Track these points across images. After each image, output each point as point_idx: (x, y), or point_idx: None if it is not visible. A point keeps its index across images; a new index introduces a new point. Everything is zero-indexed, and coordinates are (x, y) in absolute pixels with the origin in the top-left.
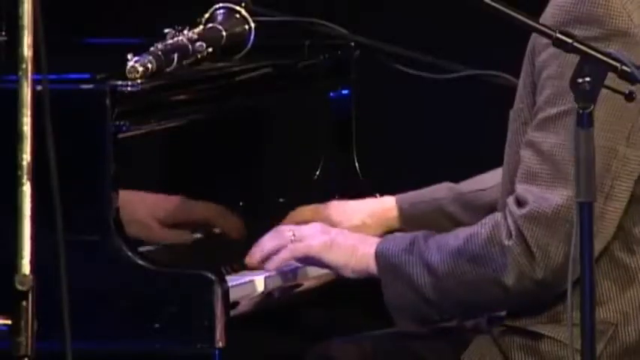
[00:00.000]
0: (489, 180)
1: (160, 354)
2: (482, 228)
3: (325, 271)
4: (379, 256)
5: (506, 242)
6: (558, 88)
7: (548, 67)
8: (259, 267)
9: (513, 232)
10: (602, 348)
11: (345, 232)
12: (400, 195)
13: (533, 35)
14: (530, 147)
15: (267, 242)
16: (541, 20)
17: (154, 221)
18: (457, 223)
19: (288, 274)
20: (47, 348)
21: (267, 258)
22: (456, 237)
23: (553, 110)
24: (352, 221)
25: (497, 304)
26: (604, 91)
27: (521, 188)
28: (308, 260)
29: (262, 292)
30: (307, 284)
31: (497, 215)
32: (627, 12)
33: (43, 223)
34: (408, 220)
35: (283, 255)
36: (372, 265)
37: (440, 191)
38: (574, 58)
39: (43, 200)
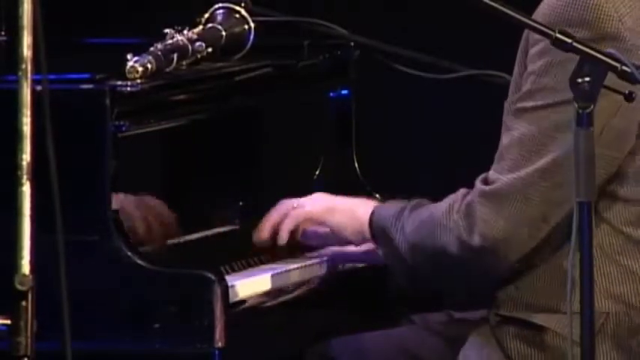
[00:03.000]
0: None
1: (160, 354)
2: (442, 203)
3: (320, 272)
4: (373, 219)
5: (455, 216)
6: (539, 85)
7: (533, 62)
8: (267, 247)
9: (463, 207)
10: None
11: (344, 198)
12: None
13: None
14: (505, 131)
15: (271, 214)
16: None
17: (153, 221)
18: None
19: (281, 275)
20: (47, 348)
21: (274, 231)
22: (427, 208)
23: (530, 103)
24: None
25: (451, 275)
26: None
27: (492, 169)
28: (312, 229)
29: (255, 294)
30: (301, 286)
31: (458, 192)
32: (619, 15)
33: (43, 223)
34: None
35: (287, 224)
36: (366, 228)
37: None
38: (561, 58)
39: (42, 200)
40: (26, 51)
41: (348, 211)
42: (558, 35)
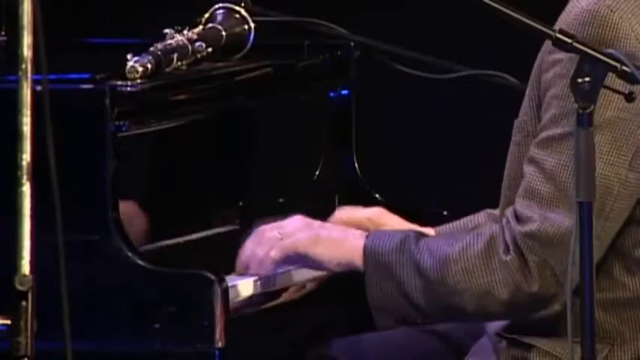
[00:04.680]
0: None
1: (160, 354)
2: (478, 238)
3: (310, 275)
4: (368, 252)
5: (503, 257)
6: (564, 109)
7: (554, 86)
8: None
9: (511, 247)
10: None
11: (327, 225)
12: (440, 227)
13: (542, 50)
14: (532, 164)
15: (256, 248)
16: None
17: (153, 221)
18: None
19: (281, 275)
20: (47, 348)
21: (259, 265)
22: (450, 244)
23: (557, 130)
24: None
25: (487, 316)
26: (610, 114)
27: (522, 204)
28: (295, 258)
29: (255, 294)
30: (300, 286)
31: (495, 227)
32: (635, 34)
33: (43, 223)
34: None
35: (273, 256)
36: (357, 260)
37: (480, 218)
38: None
39: (43, 200)
40: (26, 51)
41: (335, 242)
42: (558, 35)
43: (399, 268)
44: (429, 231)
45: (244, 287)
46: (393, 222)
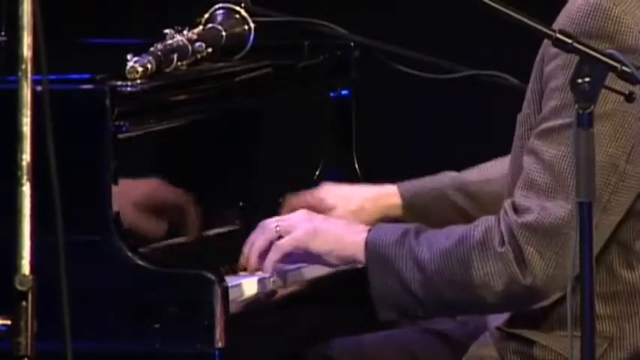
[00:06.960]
0: (493, 170)
1: (160, 354)
2: (474, 231)
3: (320, 272)
4: (369, 245)
5: (499, 248)
6: (564, 100)
7: (555, 78)
8: (256, 268)
9: (506, 239)
10: None
11: (329, 219)
12: (401, 183)
13: (544, 43)
14: (531, 154)
15: (256, 242)
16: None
17: (153, 221)
18: (462, 213)
19: (281, 275)
20: (47, 348)
21: (260, 259)
22: (448, 236)
23: (558, 122)
24: (349, 206)
25: (483, 308)
26: (610, 107)
27: (520, 195)
28: (295, 254)
29: (255, 294)
30: (300, 286)
31: (491, 219)
32: (639, 27)
33: (43, 223)
34: (411, 209)
35: (273, 256)
36: (359, 254)
37: (443, 180)
38: None
39: (43, 200)
40: (26, 51)
41: (333, 236)
42: (559, 36)
43: (398, 261)
44: (391, 187)
45: (247, 287)
46: (341, 191)
